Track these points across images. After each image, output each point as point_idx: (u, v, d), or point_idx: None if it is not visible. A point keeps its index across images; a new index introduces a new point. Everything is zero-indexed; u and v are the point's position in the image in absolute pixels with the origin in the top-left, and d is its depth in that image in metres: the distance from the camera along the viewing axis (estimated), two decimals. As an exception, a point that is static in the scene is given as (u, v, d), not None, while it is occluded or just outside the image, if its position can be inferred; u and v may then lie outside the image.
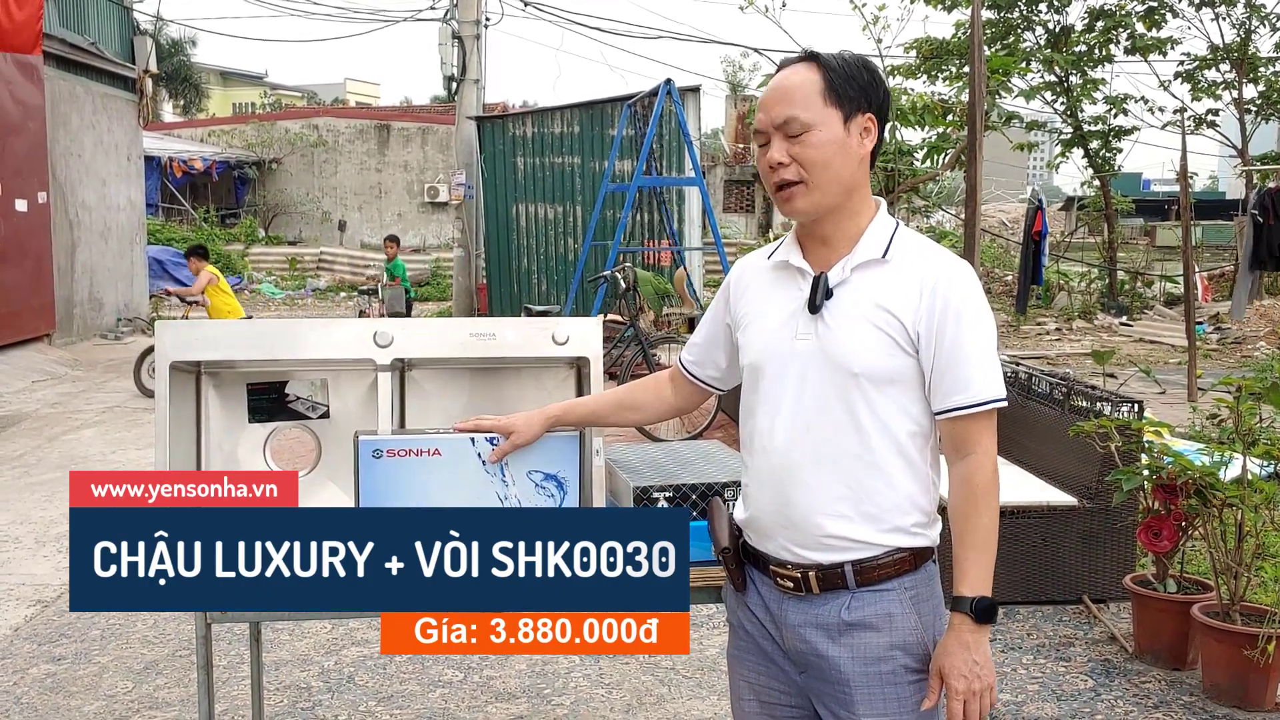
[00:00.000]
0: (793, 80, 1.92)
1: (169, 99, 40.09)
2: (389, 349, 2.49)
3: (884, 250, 1.93)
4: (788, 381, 1.94)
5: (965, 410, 1.89)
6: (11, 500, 6.77)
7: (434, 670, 4.22)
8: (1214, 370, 11.70)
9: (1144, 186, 40.48)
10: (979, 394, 1.89)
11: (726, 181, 30.05)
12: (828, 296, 1.92)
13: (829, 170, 1.90)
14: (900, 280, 1.90)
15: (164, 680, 4.16)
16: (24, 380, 11.53)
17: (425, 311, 19.79)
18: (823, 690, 1.95)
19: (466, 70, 16.37)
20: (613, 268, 10.35)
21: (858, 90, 1.91)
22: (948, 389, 1.89)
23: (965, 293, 1.89)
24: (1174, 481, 3.98)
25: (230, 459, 2.65)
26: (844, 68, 1.91)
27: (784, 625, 1.97)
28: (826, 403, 1.90)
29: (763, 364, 1.98)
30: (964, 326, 1.88)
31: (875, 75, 1.94)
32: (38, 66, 12.92)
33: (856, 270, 1.92)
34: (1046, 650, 4.38)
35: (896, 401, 1.90)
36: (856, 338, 1.89)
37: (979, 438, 1.91)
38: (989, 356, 1.90)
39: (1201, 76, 18.34)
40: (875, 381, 1.89)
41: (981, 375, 1.88)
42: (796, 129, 1.89)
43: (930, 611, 1.95)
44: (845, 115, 1.90)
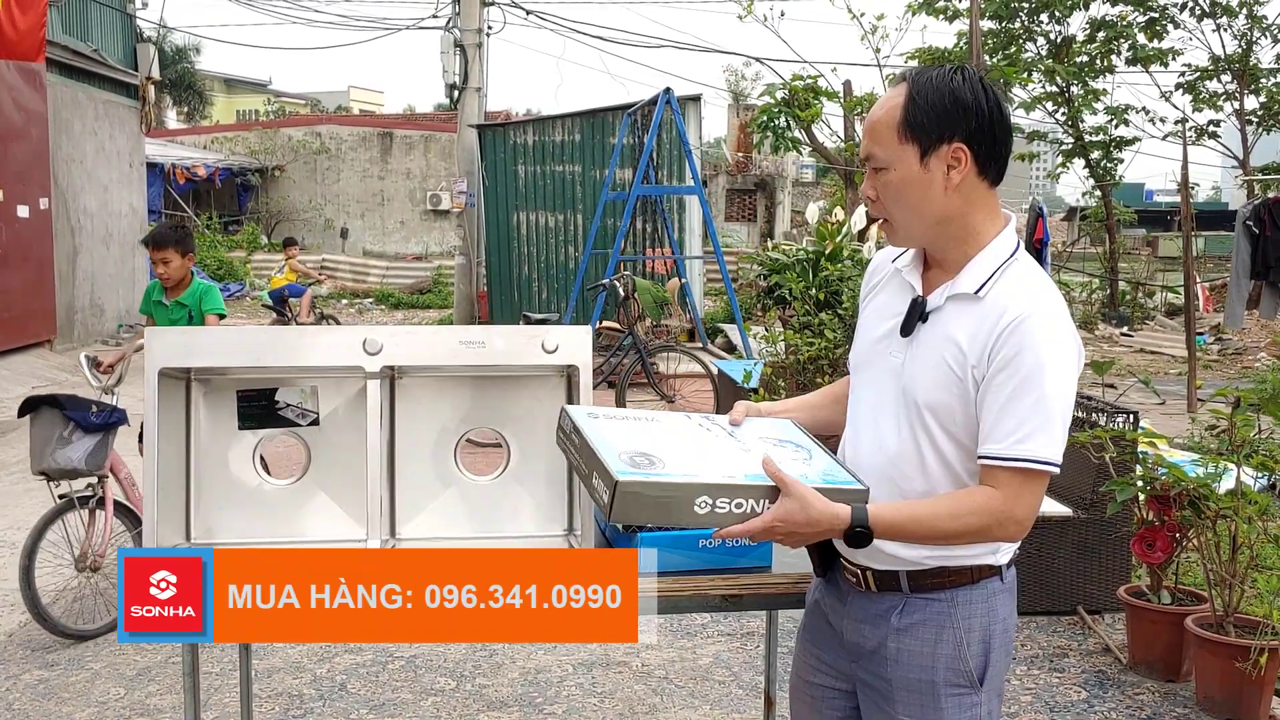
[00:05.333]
0: (878, 112, 1.88)
1: (173, 106, 40.19)
2: (378, 356, 2.48)
3: (980, 285, 1.85)
4: (872, 396, 1.97)
5: (990, 461, 1.81)
6: (8, 506, 6.77)
7: (426, 678, 4.21)
8: (1214, 381, 11.68)
9: (1146, 197, 40.43)
10: (1009, 448, 1.78)
11: (728, 190, 30.07)
12: (922, 321, 1.90)
13: (906, 209, 1.88)
14: (983, 319, 1.82)
15: (156, 687, 4.15)
16: (24, 386, 11.53)
17: (426, 319, 19.82)
18: (869, 684, 2.00)
19: (468, 78, 16.40)
20: (612, 276, 10.35)
21: (937, 119, 1.82)
22: (986, 433, 1.81)
23: (1036, 344, 1.77)
24: (1168, 493, 3.97)
25: (220, 466, 2.65)
26: (925, 95, 1.83)
27: (846, 616, 2.02)
28: (898, 426, 1.91)
29: (861, 369, 2.02)
30: (1019, 376, 1.77)
31: (961, 99, 1.82)
32: (41, 73, 12.94)
33: (951, 300, 1.88)
34: (1040, 661, 4.37)
35: (956, 439, 1.86)
36: (928, 369, 1.87)
37: (1004, 488, 1.80)
38: (1037, 413, 1.77)
39: (1203, 87, 18.34)
40: (938, 416, 1.86)
41: (1023, 430, 1.77)
42: (876, 166, 1.88)
43: (982, 628, 1.93)
44: (923, 150, 1.83)
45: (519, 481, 2.64)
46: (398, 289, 23.54)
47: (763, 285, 9.35)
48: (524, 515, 2.63)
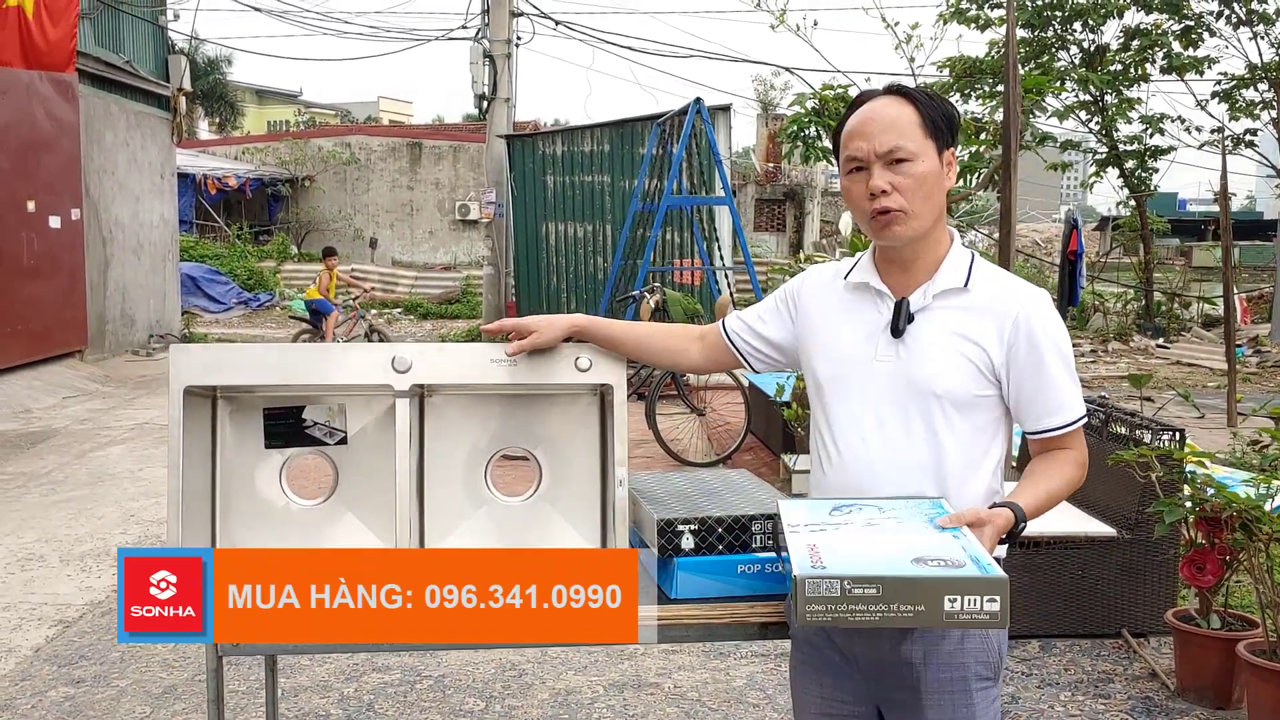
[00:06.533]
0: (891, 112, 1.99)
1: (205, 116, 40.52)
2: (407, 375, 2.42)
3: (964, 279, 2.02)
4: (867, 402, 2.02)
5: (1059, 430, 2.02)
6: (38, 518, 6.76)
7: (455, 699, 4.14)
8: (1254, 394, 11.48)
9: (1180, 206, 39.98)
10: (1069, 415, 2.02)
11: (757, 200, 29.99)
12: (909, 321, 2.00)
13: (928, 200, 1.99)
14: (982, 311, 2.00)
15: (182, 705, 4.10)
16: (55, 396, 11.59)
17: (454, 330, 19.82)
18: (892, 697, 1.98)
19: (497, 89, 16.41)
20: (642, 287, 10.28)
21: (948, 125, 2.01)
22: (1039, 413, 2.01)
23: (1045, 321, 1.99)
24: (1219, 514, 3.85)
25: (246, 485, 2.59)
26: (931, 102, 2.01)
27: (858, 635, 1.98)
28: (909, 423, 1.99)
29: (836, 382, 2.07)
30: (1048, 356, 1.99)
31: (954, 113, 2.05)
32: (73, 84, 13.04)
33: (938, 297, 2.02)
34: (1085, 687, 4.24)
35: (973, 422, 2.00)
36: (939, 361, 1.98)
37: (1072, 443, 2.04)
38: (1071, 378, 2.02)
39: (1239, 96, 18.07)
40: (956, 404, 1.98)
41: (1070, 397, 2.01)
42: (901, 158, 1.96)
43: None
44: (939, 148, 2.00)
45: (550, 502, 2.56)
46: (426, 299, 23.59)
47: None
48: (556, 536, 2.55)
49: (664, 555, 2.34)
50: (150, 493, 7.36)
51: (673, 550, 2.34)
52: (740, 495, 2.58)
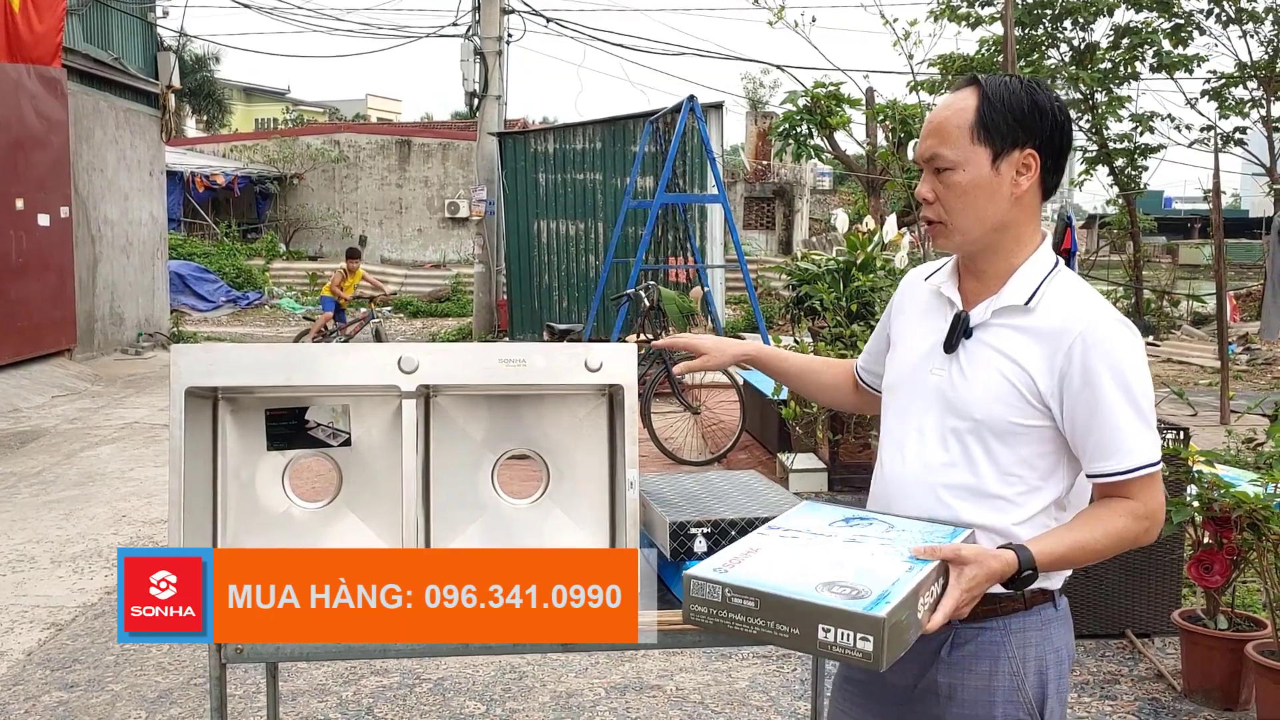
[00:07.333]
0: (945, 113, 1.85)
1: (193, 114, 40.30)
2: (414, 375, 2.37)
3: (1029, 297, 1.84)
4: (915, 415, 1.92)
5: (1114, 477, 1.80)
6: (29, 518, 6.68)
7: (455, 702, 4.09)
8: (1245, 392, 11.50)
9: (1166, 204, 40.12)
10: (1128, 461, 1.78)
11: (746, 198, 29.96)
12: (966, 336, 1.87)
13: (969, 212, 1.84)
14: (1039, 334, 1.81)
15: (178, 710, 4.04)
16: (44, 395, 11.49)
17: (444, 328, 19.74)
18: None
19: (488, 86, 16.35)
20: (635, 285, 10.24)
21: (1012, 124, 1.81)
22: (1092, 454, 1.80)
23: (1109, 352, 1.77)
24: (1227, 514, 3.82)
25: (247, 487, 2.54)
26: (1001, 98, 1.81)
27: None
28: (947, 443, 1.87)
29: (893, 390, 1.99)
30: (1105, 390, 1.76)
31: (1040, 105, 1.82)
32: (61, 81, 12.93)
33: (998, 314, 1.86)
34: (1091, 688, 4.21)
35: (1018, 453, 1.82)
36: (982, 384, 1.84)
37: (1134, 492, 1.81)
38: (1139, 418, 1.78)
39: (1229, 94, 18.11)
40: (995, 431, 1.82)
41: (1133, 441, 1.77)
42: (941, 166, 1.84)
43: (1038, 657, 1.84)
44: (995, 152, 1.81)
45: (558, 504, 2.52)
46: (416, 297, 23.48)
47: (790, 295, 9.21)
48: (564, 539, 2.51)
49: (676, 558, 2.30)
50: (141, 493, 7.29)
51: (685, 553, 2.30)
52: (752, 497, 2.54)
